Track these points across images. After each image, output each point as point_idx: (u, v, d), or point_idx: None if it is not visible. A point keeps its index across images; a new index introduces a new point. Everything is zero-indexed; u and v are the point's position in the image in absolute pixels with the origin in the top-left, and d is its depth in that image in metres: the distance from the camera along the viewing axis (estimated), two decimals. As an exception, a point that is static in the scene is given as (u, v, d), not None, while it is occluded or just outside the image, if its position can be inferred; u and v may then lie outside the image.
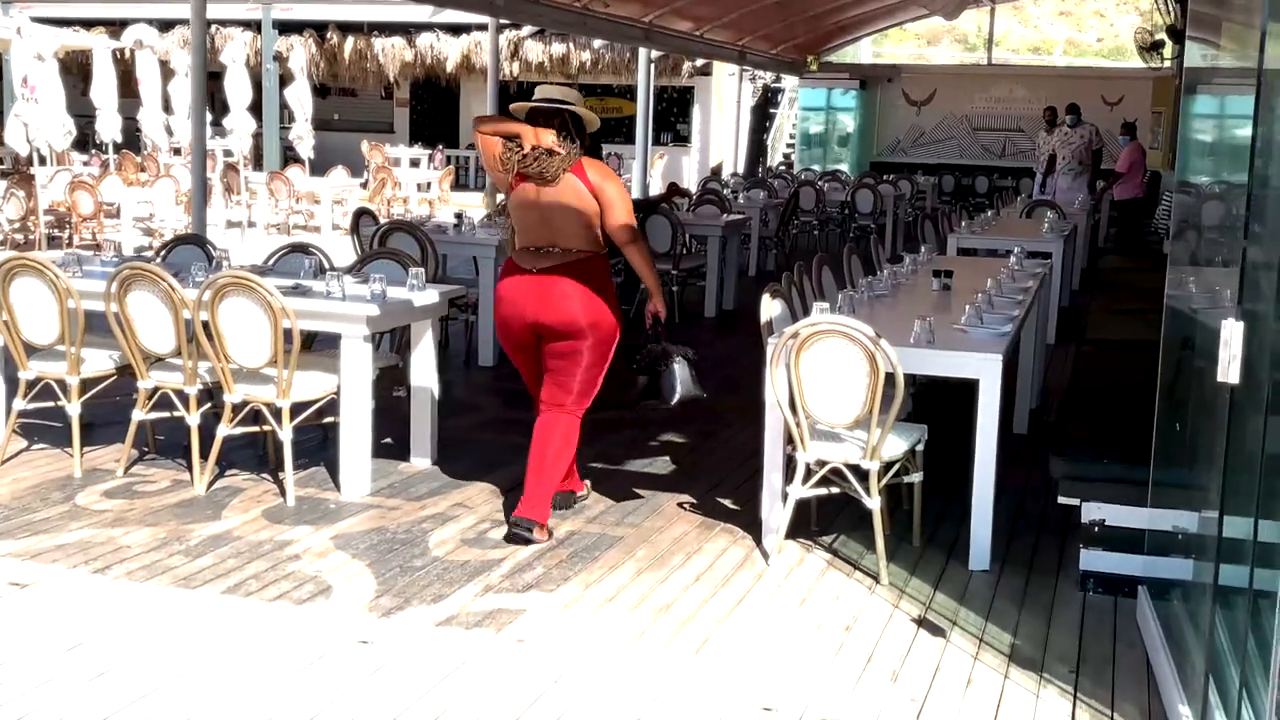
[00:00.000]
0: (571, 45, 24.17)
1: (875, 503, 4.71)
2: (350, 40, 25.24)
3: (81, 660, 3.83)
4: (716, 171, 23.77)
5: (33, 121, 14.48)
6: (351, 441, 5.52)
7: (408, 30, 24.78)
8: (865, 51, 27.92)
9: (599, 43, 23.36)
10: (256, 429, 5.66)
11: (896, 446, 4.80)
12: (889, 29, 25.40)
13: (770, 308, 5.39)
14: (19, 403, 5.83)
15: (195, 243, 6.98)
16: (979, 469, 4.76)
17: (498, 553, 4.87)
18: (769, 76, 24.50)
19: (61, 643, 3.95)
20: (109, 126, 17.87)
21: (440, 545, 4.93)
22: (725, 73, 24.43)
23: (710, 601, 4.45)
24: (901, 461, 4.85)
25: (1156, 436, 4.34)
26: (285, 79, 21.50)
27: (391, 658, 3.92)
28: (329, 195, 18.04)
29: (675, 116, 26.57)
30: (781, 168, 24.14)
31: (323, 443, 6.13)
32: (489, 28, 12.94)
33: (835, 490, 4.88)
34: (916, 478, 4.99)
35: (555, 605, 4.37)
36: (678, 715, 3.61)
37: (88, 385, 5.92)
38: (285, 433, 5.40)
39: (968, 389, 5.03)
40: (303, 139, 20.60)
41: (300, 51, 23.02)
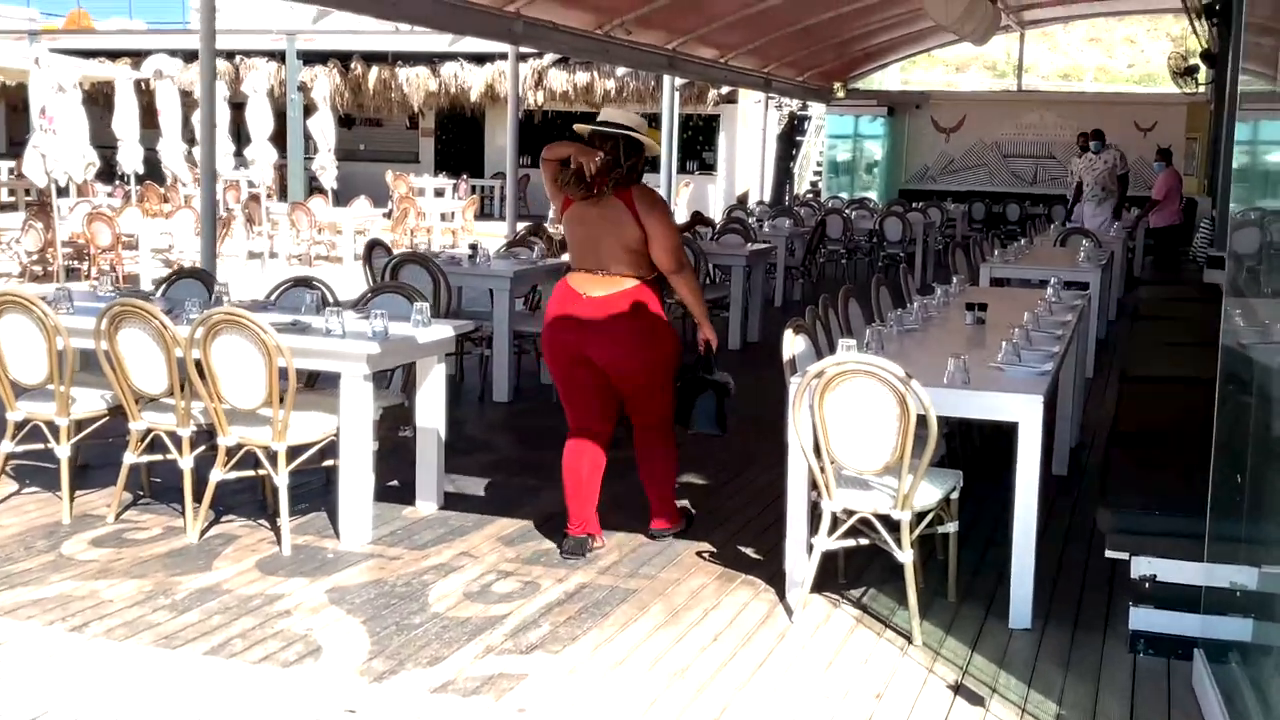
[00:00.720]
0: (595, 73, 24.01)
1: (907, 556, 4.37)
2: (374, 70, 25.18)
3: (46, 731, 3.55)
4: (742, 200, 23.48)
5: (51, 152, 14.38)
6: (351, 487, 5.23)
7: (431, 60, 24.69)
8: (893, 78, 27.63)
9: (623, 70, 23.18)
10: (253, 473, 5.37)
11: (930, 495, 4.46)
12: (917, 55, 25.12)
13: (793, 344, 5.08)
14: (7, 445, 5.57)
15: (197, 277, 6.73)
16: (1019, 521, 4.41)
17: (501, 608, 4.55)
18: (795, 104, 24.24)
19: (22, 712, 3.65)
20: (130, 157, 17.77)
21: (441, 599, 4.63)
22: (751, 100, 24.19)
23: (729, 664, 4.12)
24: (935, 511, 4.51)
25: (1213, 485, 3.98)
26: (309, 109, 21.41)
27: (381, 729, 3.61)
28: (351, 226, 17.86)
29: (701, 144, 26.34)
30: (809, 196, 23.84)
31: (325, 486, 5.84)
32: (509, 56, 12.70)
33: (864, 541, 4.54)
34: (951, 528, 4.64)
35: (561, 669, 4.05)
36: (691, 797, 3.29)
37: (82, 426, 5.67)
38: (281, 478, 5.12)
39: (1004, 429, 4.70)
40: (325, 169, 20.49)
41: (324, 81, 22.97)
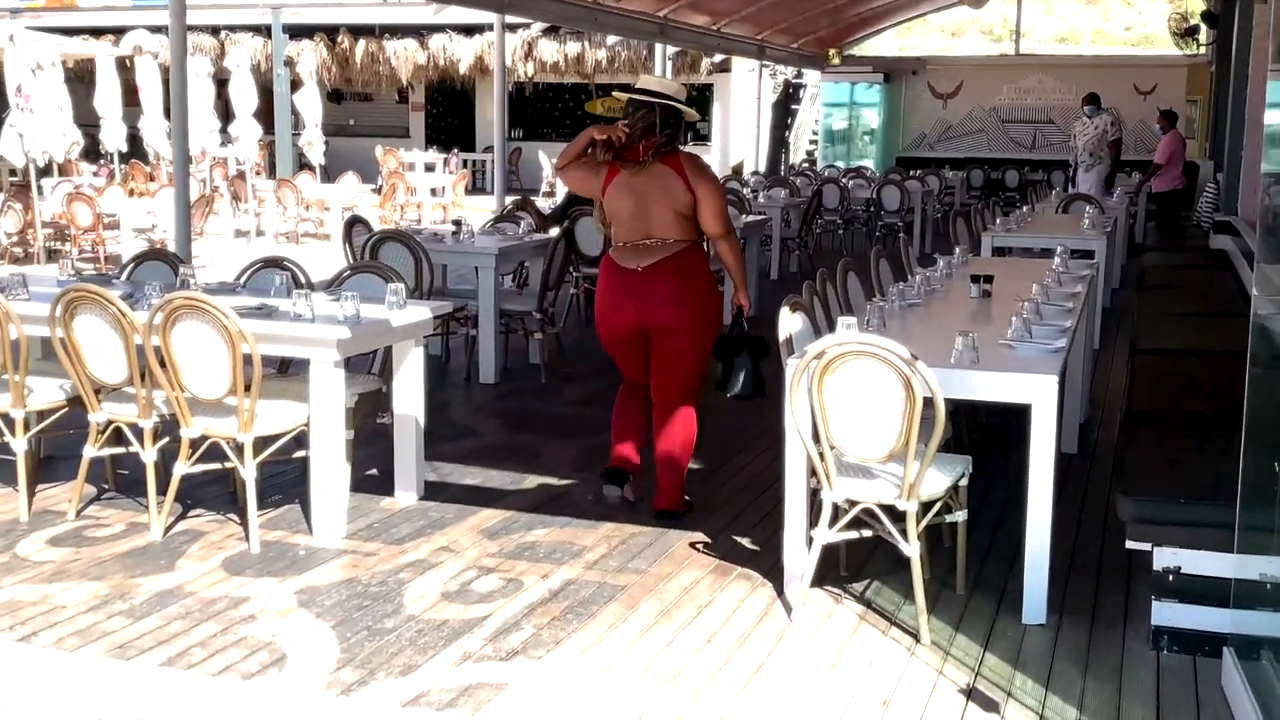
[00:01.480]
0: (586, 44, 23.60)
1: (914, 549, 4.09)
2: (362, 43, 24.75)
3: (-16, 756, 3.28)
4: (737, 170, 23.12)
5: (28, 132, 14.04)
6: (324, 479, 4.95)
7: (420, 32, 24.26)
8: (889, 44, 27.20)
9: (613, 40, 22.77)
10: (219, 466, 5.08)
11: (937, 483, 4.18)
12: (913, 20, 24.71)
13: (790, 323, 4.78)
14: (-39, 439, 5.29)
15: (164, 258, 6.42)
16: (1033, 510, 4.13)
17: (482, 609, 4.27)
18: (790, 72, 23.83)
19: (-41, 737, 3.39)
20: (113, 136, 17.44)
21: (417, 600, 4.34)
22: (745, 69, 23.77)
23: (725, 668, 3.84)
24: (943, 499, 4.23)
25: (1244, 471, 3.70)
26: (296, 84, 21.02)
27: (348, 748, 3.34)
28: (339, 202, 17.52)
29: (695, 114, 25.94)
30: (804, 165, 23.48)
31: (300, 477, 5.54)
32: (495, 25, 12.35)
33: (867, 533, 4.26)
34: (960, 516, 4.36)
35: (544, 676, 3.77)
36: (683, 822, 3.01)
37: (43, 416, 5.39)
38: (248, 471, 4.83)
39: (1014, 408, 4.42)
40: (313, 145, 20.13)
41: (310, 56, 22.59)
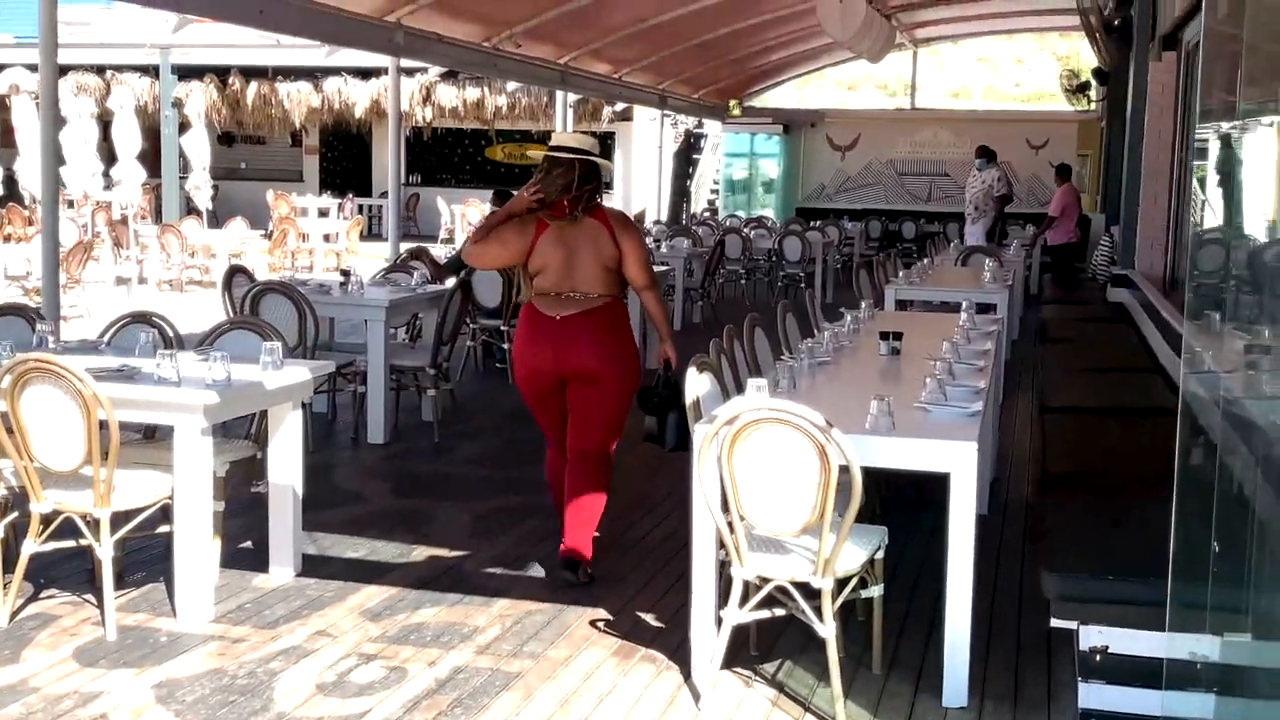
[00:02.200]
0: (486, 89, 23.35)
1: (830, 630, 3.82)
2: (254, 85, 24.15)
3: None
4: (639, 219, 22.97)
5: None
6: (189, 556, 4.52)
7: (314, 75, 23.76)
8: (788, 96, 27.40)
9: (514, 86, 22.55)
10: (74, 544, 4.63)
11: (853, 557, 3.92)
12: (811, 73, 24.92)
13: (697, 383, 4.52)
14: None
15: (20, 313, 5.94)
16: (953, 586, 3.89)
17: (360, 703, 3.89)
18: (691, 121, 23.83)
19: None
20: (-13, 178, 16.70)
21: (289, 694, 3.94)
22: (647, 117, 23.71)
23: (627, 766, 3.52)
24: (859, 574, 3.97)
25: (1175, 544, 3.49)
26: (184, 126, 20.40)
27: None
28: (226, 249, 16.94)
29: (596, 163, 25.79)
30: (705, 214, 23.45)
31: (165, 553, 5.09)
32: (389, 70, 12.00)
33: (780, 612, 3.98)
34: (876, 591, 4.11)
35: (428, 782, 3.41)
36: None
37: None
38: (105, 549, 4.39)
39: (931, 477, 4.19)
40: (200, 189, 19.51)
41: (200, 97, 21.95)
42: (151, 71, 22.34)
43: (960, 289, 9.62)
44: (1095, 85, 20.24)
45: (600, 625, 4.59)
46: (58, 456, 4.36)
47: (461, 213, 22.60)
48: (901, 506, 5.84)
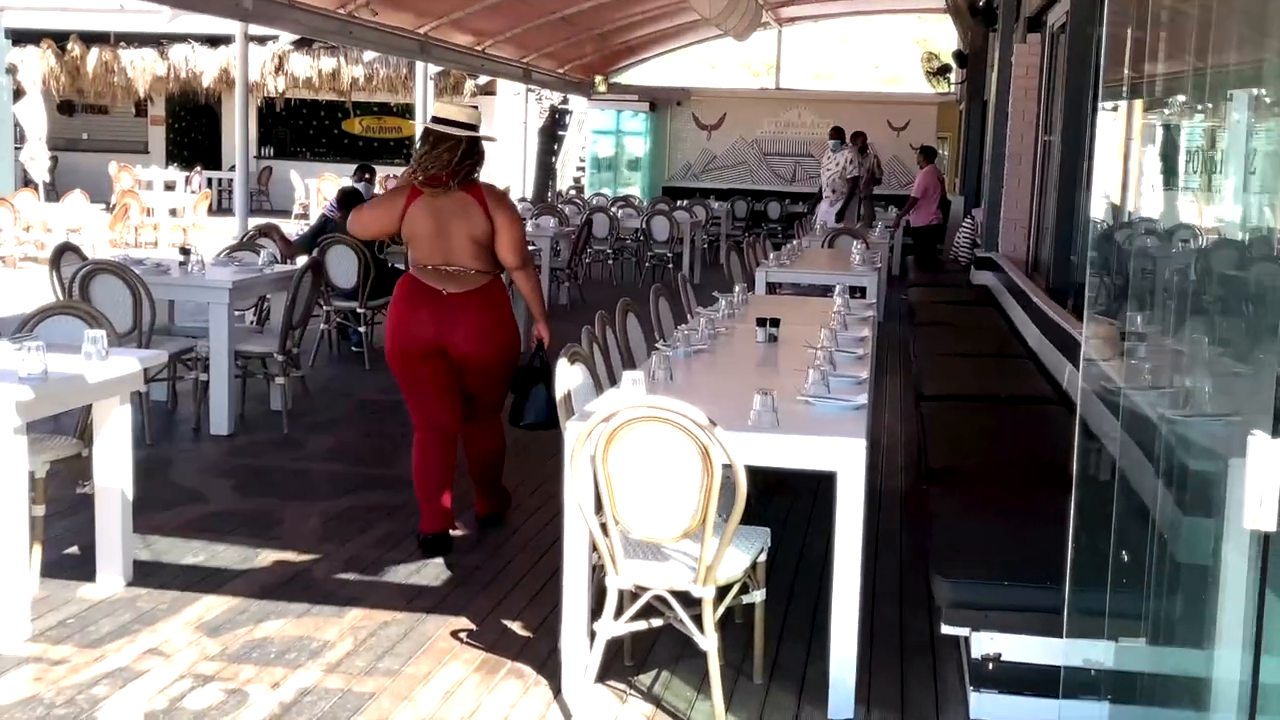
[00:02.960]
0: (342, 59, 22.58)
1: (711, 643, 3.56)
2: (94, 51, 22.93)
3: None
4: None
5: None
6: (2, 569, 4.05)
7: (159, 41, 22.67)
8: (655, 74, 27.19)
9: (371, 56, 21.85)
10: None
11: (736, 563, 3.67)
12: (678, 49, 24.73)
13: (568, 376, 4.21)
14: None
15: None
16: (839, 592, 3.66)
17: (195, 734, 3.50)
18: (556, 97, 23.43)
19: None
20: None
21: (113, 726, 3.54)
22: (511, 92, 23.25)
23: (493, 799, 3.21)
24: (741, 580, 3.73)
25: (1073, 548, 3.33)
26: (18, 94, 19.24)
27: None
28: (63, 223, 15.99)
29: (458, 138, 25.17)
30: (571, 193, 23.11)
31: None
32: (237, 36, 11.37)
33: (657, 622, 3.72)
34: (758, 596, 3.87)
35: (269, 827, 3.05)
36: None
37: None
38: (-101, 564, 3.90)
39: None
40: (36, 160, 18.44)
41: (35, 63, 20.76)
42: (-18, 35, 21.01)
43: (831, 272, 9.50)
44: (955, 68, 20.49)
45: (463, 636, 4.26)
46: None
47: (317, 187, 21.81)
48: (768, 493, 5.64)
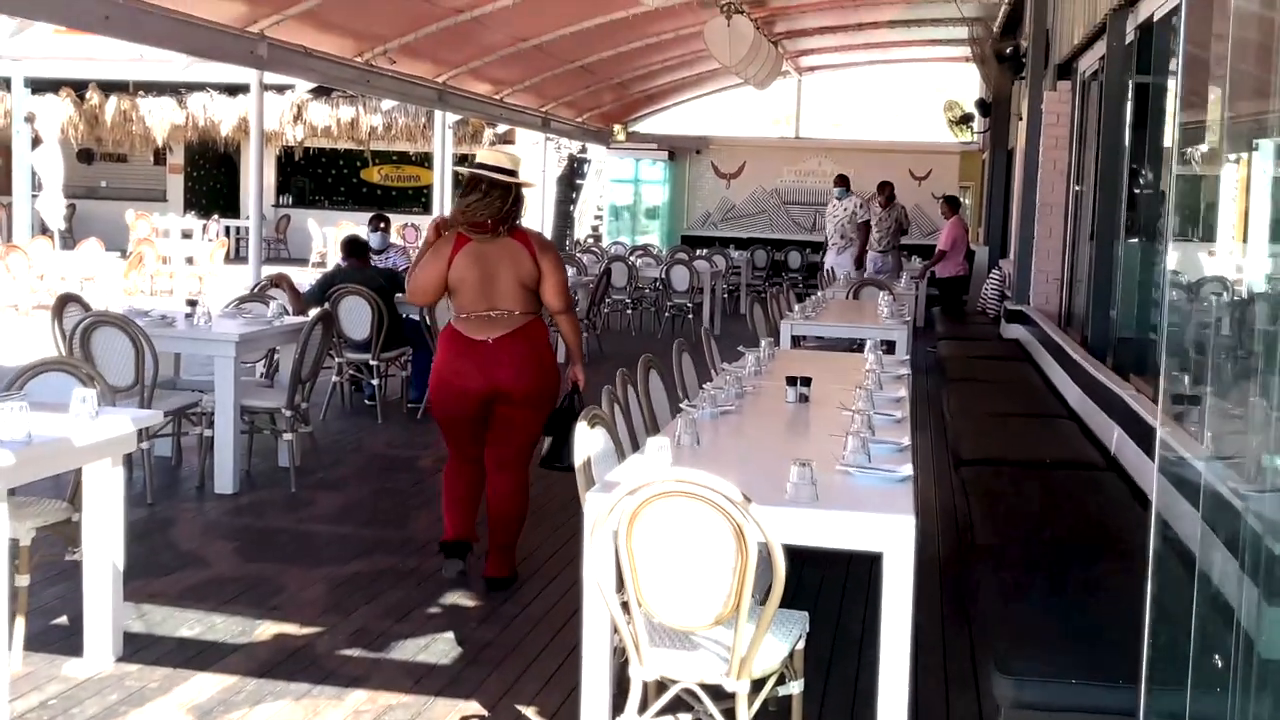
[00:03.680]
0: (361, 108, 22.51)
1: (745, 742, 3.24)
2: (113, 100, 22.91)
3: None
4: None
5: None
6: (-24, 649, 3.76)
7: (177, 90, 22.63)
8: (673, 123, 27.09)
9: (389, 105, 21.77)
10: None
11: (774, 652, 3.35)
12: (697, 99, 24.61)
13: (589, 441, 3.91)
14: None
15: None
16: (888, 683, 3.34)
17: (177, 840, 3.19)
18: (575, 146, 23.30)
19: None
20: None
21: (87, 829, 3.23)
22: (530, 141, 23.11)
23: None
24: (778, 671, 3.40)
25: (1150, 645, 3.00)
26: (35, 142, 19.18)
27: None
28: (78, 272, 15.84)
29: (476, 187, 25.06)
30: (589, 241, 22.93)
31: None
32: (253, 84, 11.20)
33: (685, 717, 3.39)
34: (795, 688, 3.53)
35: None
36: None
37: None
38: None
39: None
40: (52, 208, 18.34)
41: (54, 111, 20.74)
42: (2, 84, 21.01)
43: (859, 325, 9.21)
44: (978, 116, 20.27)
45: (473, 722, 3.94)
46: None
47: (336, 236, 21.67)
48: (797, 562, 5.31)
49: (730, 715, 3.26)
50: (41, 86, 21.63)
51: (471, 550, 5.35)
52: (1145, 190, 7.69)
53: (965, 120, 20.73)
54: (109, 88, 22.84)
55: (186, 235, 21.15)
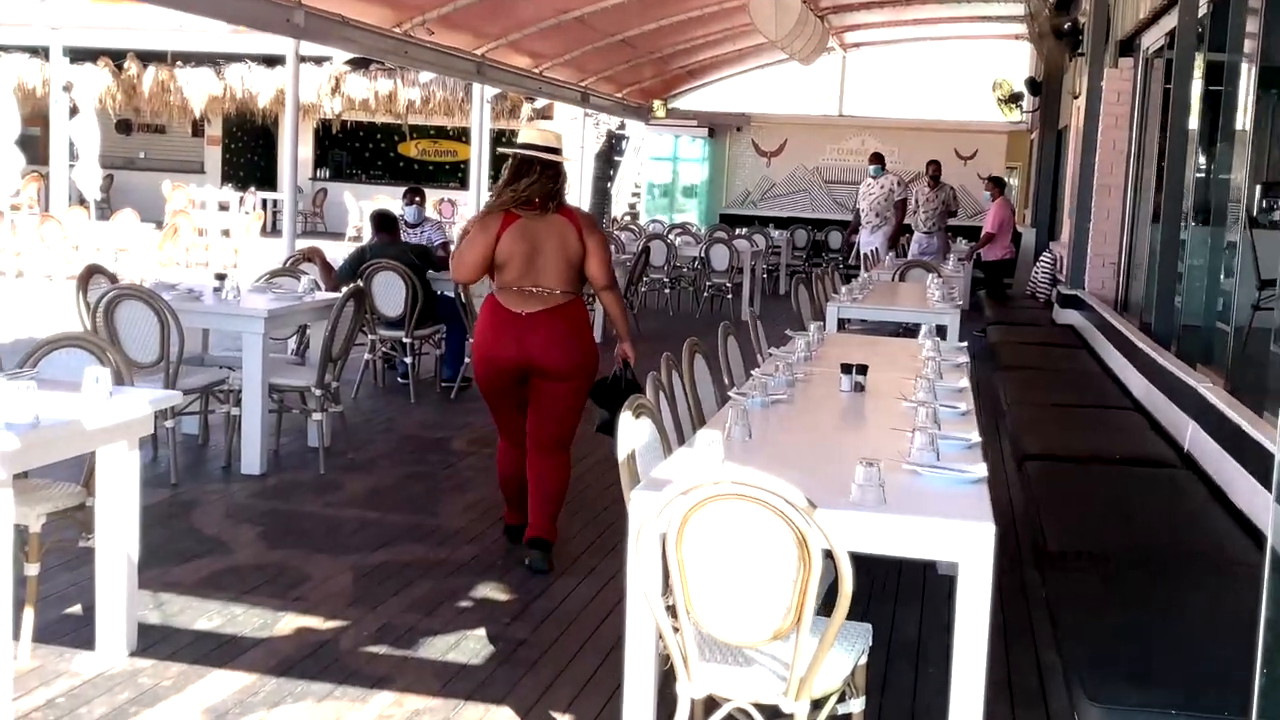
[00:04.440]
0: (399, 81, 22.26)
1: (804, 768, 2.96)
2: (151, 70, 22.78)
3: None
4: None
5: None
6: (-21, 643, 3.53)
7: (216, 61, 22.46)
8: (714, 99, 26.72)
9: (428, 77, 21.50)
10: None
11: (836, 669, 3.06)
12: (738, 75, 24.21)
13: (634, 433, 3.62)
14: None
15: None
16: (959, 705, 3.04)
17: None
18: (614, 122, 22.97)
19: None
20: None
21: (89, 846, 2.99)
22: (568, 116, 22.80)
23: None
24: (840, 690, 3.12)
25: (1263, 677, 2.69)
26: (72, 112, 19.05)
27: None
28: (112, 242, 15.69)
29: (514, 162, 24.80)
30: (627, 219, 22.62)
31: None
32: (289, 54, 10.95)
33: (737, 738, 3.11)
34: (856, 706, 3.25)
35: None
36: None
37: None
38: None
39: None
40: (88, 179, 18.20)
41: (92, 81, 20.61)
42: (41, 53, 20.91)
43: (909, 309, 8.88)
44: (1028, 95, 19.78)
45: (506, 732, 3.68)
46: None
47: (371, 210, 21.51)
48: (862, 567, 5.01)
49: (787, 738, 2.98)
50: (80, 56, 21.54)
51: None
52: (1217, 174, 7.32)
53: (1014, 99, 20.22)
54: (147, 58, 22.71)
55: (223, 208, 21.02)
